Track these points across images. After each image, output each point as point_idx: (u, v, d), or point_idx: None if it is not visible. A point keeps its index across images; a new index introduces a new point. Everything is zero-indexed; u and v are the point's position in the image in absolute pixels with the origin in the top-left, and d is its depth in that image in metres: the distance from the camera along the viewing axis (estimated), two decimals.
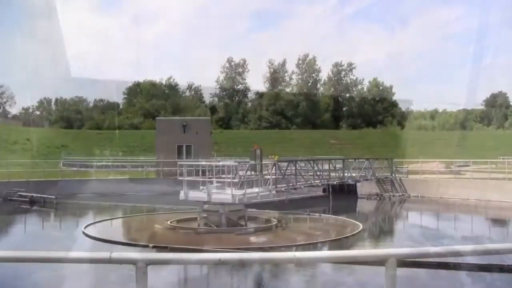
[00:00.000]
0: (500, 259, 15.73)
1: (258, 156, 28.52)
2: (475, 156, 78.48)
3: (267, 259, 4.17)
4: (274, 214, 28.72)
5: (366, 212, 37.44)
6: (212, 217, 24.75)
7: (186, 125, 46.75)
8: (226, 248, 19.77)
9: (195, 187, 26.11)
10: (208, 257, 3.86)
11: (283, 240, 23.08)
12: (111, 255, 4.04)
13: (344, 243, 23.14)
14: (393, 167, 44.62)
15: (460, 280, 16.62)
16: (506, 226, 32.42)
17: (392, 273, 3.73)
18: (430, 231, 29.81)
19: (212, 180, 26.14)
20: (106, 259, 4.05)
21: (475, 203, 38.47)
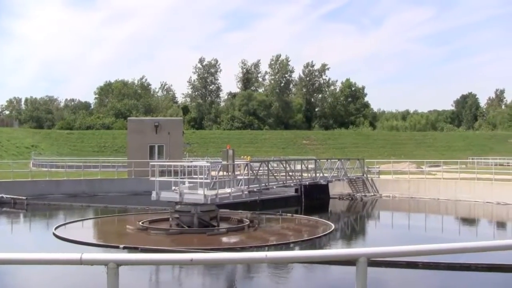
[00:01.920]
0: (467, 258, 15.92)
1: (230, 157, 28.52)
2: (446, 156, 79.54)
3: (239, 259, 4.14)
4: (246, 214, 28.72)
5: (338, 212, 37.62)
6: (184, 218, 24.66)
7: (158, 125, 46.52)
8: (197, 248, 19.72)
9: (167, 187, 26.00)
10: (179, 257, 3.83)
11: (255, 241, 23.09)
12: (82, 256, 3.99)
13: (317, 243, 23.23)
14: (364, 168, 44.88)
15: (430, 279, 16.78)
16: (474, 225, 32.82)
17: (363, 272, 3.75)
18: (401, 230, 30.06)
19: (184, 181, 26.06)
20: (77, 261, 4.01)
21: (445, 203, 38.89)
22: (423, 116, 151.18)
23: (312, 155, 76.95)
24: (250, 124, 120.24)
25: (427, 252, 4.37)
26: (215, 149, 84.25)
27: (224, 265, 17.01)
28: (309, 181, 37.35)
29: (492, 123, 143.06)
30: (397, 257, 3.92)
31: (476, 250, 4.57)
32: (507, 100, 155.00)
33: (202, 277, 17.22)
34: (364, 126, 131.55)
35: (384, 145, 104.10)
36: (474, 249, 4.51)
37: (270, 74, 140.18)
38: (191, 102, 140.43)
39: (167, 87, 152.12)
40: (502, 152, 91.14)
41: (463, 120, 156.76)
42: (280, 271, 17.38)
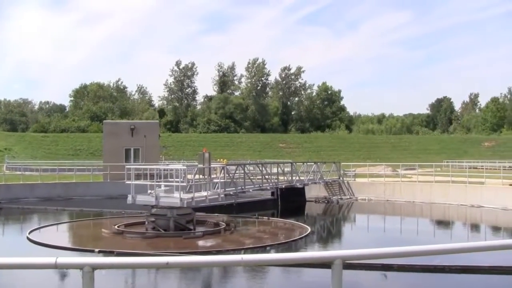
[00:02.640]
0: (442, 260, 16.06)
1: (206, 160, 28.47)
2: (421, 159, 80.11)
3: (214, 262, 4.15)
4: (222, 217, 28.69)
5: (314, 215, 37.72)
6: (160, 221, 24.57)
7: (134, 128, 46.29)
8: (173, 252, 19.65)
9: (143, 191, 25.89)
10: (155, 260, 3.83)
11: (231, 244, 23.07)
12: (57, 261, 3.97)
13: (293, 246, 23.26)
14: (341, 171, 45.08)
15: (405, 281, 16.89)
16: (449, 228, 33.11)
17: (338, 274, 3.77)
18: (377, 233, 30.23)
19: (160, 184, 25.97)
20: (52, 265, 3.98)
21: (420, 206, 39.20)
22: (399, 119, 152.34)
23: (288, 158, 77.12)
24: (227, 127, 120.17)
25: (402, 254, 4.41)
26: (191, 152, 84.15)
27: (200, 268, 17.01)
28: (286, 184, 37.40)
29: (466, 126, 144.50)
30: (372, 259, 3.95)
31: (451, 252, 4.62)
32: (481, 104, 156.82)
33: (179, 281, 17.18)
34: (340, 129, 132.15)
35: (360, 148, 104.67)
36: (448, 251, 4.56)
37: (247, 77, 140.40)
38: (167, 105, 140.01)
39: (143, 90, 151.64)
40: (476, 156, 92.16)
41: (438, 124, 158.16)
42: (257, 274, 17.39)
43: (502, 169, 45.56)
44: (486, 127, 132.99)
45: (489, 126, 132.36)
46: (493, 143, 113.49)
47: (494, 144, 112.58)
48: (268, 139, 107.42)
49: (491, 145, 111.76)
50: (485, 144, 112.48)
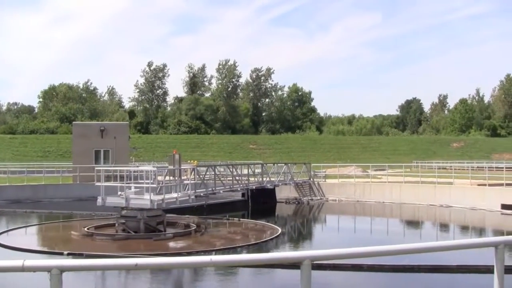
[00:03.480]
0: (411, 259, 16.18)
1: (177, 161, 28.37)
2: (391, 160, 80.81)
3: (184, 263, 4.12)
4: (193, 219, 28.58)
5: (285, 216, 37.78)
6: (130, 223, 24.41)
7: (104, 129, 45.91)
8: (143, 253, 19.54)
9: (113, 192, 25.70)
10: (124, 262, 3.79)
11: (202, 245, 23.02)
12: (24, 263, 3.90)
13: (263, 247, 23.27)
14: (311, 172, 45.24)
15: (375, 281, 16.99)
16: (419, 227, 33.40)
17: (307, 275, 3.76)
18: (347, 233, 30.38)
19: (130, 186, 25.81)
20: (19, 268, 3.92)
21: (390, 206, 39.51)
22: (369, 120, 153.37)
23: (259, 159, 77.22)
24: (197, 129, 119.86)
25: (371, 254, 4.42)
26: (161, 154, 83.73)
27: (170, 269, 16.94)
28: (256, 185, 37.44)
29: (436, 127, 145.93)
30: (341, 259, 3.95)
31: (420, 251, 4.65)
32: (450, 105, 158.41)
33: (149, 283, 17.06)
34: (311, 130, 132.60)
35: (330, 149, 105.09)
36: (417, 250, 4.59)
37: (218, 78, 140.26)
38: (138, 106, 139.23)
39: (114, 91, 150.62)
40: (445, 156, 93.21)
41: (408, 125, 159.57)
42: (228, 276, 17.37)
43: (470, 169, 46.12)
44: (455, 128, 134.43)
45: (458, 127, 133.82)
46: (461, 144, 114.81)
47: (462, 145, 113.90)
48: (239, 140, 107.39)
49: (459, 146, 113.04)
50: (453, 145, 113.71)
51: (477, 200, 36.06)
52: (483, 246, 4.63)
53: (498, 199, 34.99)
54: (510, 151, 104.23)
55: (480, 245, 4.72)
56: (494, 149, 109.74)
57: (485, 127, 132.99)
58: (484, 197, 35.94)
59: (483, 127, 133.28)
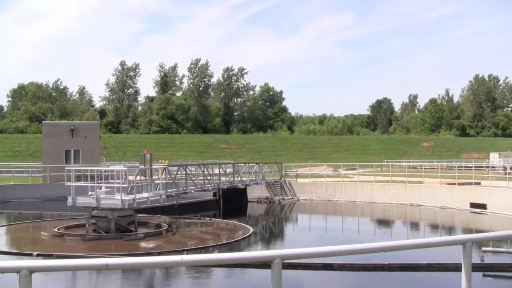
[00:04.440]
0: (381, 258, 16.30)
1: (148, 161, 28.23)
2: (362, 159, 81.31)
3: (155, 263, 4.11)
4: (164, 219, 28.50)
5: (257, 216, 37.81)
6: (101, 223, 24.24)
7: (74, 129, 45.52)
8: (114, 254, 19.42)
9: (84, 192, 25.51)
10: (94, 262, 3.77)
11: (173, 245, 22.94)
12: None
13: (235, 247, 23.27)
14: (282, 171, 45.33)
15: (345, 280, 17.09)
16: (389, 226, 33.67)
17: (277, 273, 3.78)
18: (318, 232, 30.51)
19: (101, 186, 25.64)
20: None
21: (361, 205, 39.78)
22: (340, 120, 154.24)
23: (230, 159, 77.18)
24: (168, 128, 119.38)
25: (342, 252, 4.45)
26: (132, 154, 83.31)
27: (141, 269, 16.85)
28: (227, 185, 37.42)
29: (406, 127, 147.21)
30: (311, 257, 3.97)
31: (390, 249, 4.69)
32: (420, 105, 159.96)
33: (120, 283, 16.96)
34: (282, 130, 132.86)
35: (301, 148, 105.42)
36: (388, 248, 4.62)
37: (189, 77, 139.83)
38: (109, 105, 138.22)
39: (84, 90, 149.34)
40: (415, 155, 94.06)
41: (379, 125, 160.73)
42: (199, 276, 17.34)
43: (440, 168, 46.62)
44: (425, 127, 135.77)
45: (428, 127, 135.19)
46: (431, 143, 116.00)
47: (432, 144, 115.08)
48: (210, 140, 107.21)
49: (429, 145, 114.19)
50: (424, 145, 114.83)
51: (447, 199, 36.49)
52: (451, 244, 4.69)
53: (467, 198, 35.45)
54: (478, 150, 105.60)
55: (448, 243, 4.78)
56: (463, 148, 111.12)
57: (455, 127, 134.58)
58: (454, 196, 36.39)
59: (453, 127, 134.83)
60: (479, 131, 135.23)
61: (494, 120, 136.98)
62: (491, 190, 34.88)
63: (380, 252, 4.55)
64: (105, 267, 3.88)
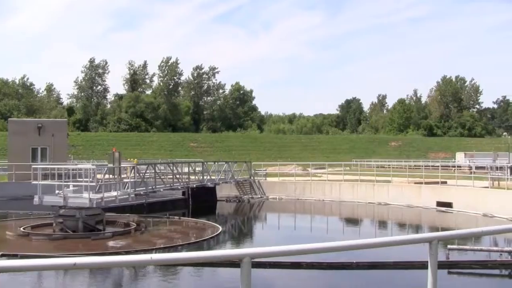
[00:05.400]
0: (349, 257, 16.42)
1: (116, 159, 28.07)
2: (331, 159, 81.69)
3: (123, 262, 4.09)
4: (133, 217, 28.35)
5: (226, 215, 37.82)
6: (68, 222, 24.02)
7: (41, 126, 44.98)
8: (81, 253, 19.26)
9: (51, 191, 25.24)
10: (61, 262, 3.72)
11: (142, 244, 22.83)
12: None
13: (204, 246, 23.25)
14: (251, 170, 45.37)
15: (314, 279, 17.16)
16: (357, 225, 33.93)
17: (247, 272, 3.78)
18: (287, 231, 30.63)
19: (68, 184, 25.40)
20: None
21: (330, 204, 40.00)
22: (309, 119, 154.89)
23: (199, 157, 76.97)
24: (137, 126, 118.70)
25: (310, 251, 4.48)
26: (101, 152, 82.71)
27: (109, 269, 16.74)
28: (197, 183, 37.34)
29: (375, 127, 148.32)
30: (280, 256, 3.98)
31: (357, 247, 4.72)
32: (388, 105, 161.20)
33: (88, 283, 16.84)
34: (252, 129, 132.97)
35: (271, 147, 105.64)
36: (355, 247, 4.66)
37: (159, 76, 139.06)
38: (77, 103, 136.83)
39: (52, 87, 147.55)
40: (383, 155, 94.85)
41: (348, 124, 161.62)
42: (168, 275, 17.29)
43: (407, 168, 47.13)
44: (393, 127, 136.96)
45: (396, 127, 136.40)
46: (399, 143, 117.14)
47: (400, 144, 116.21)
48: (179, 139, 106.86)
49: (397, 145, 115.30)
50: (392, 144, 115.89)
51: (414, 198, 36.90)
52: (418, 242, 4.75)
53: (433, 196, 35.90)
54: (445, 150, 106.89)
55: (414, 241, 4.83)
56: (430, 148, 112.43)
57: (422, 127, 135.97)
58: (421, 194, 36.81)
59: (420, 126, 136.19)
60: (446, 131, 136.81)
61: (461, 121, 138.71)
62: (456, 189, 35.37)
63: (348, 250, 4.57)
64: (73, 267, 3.83)
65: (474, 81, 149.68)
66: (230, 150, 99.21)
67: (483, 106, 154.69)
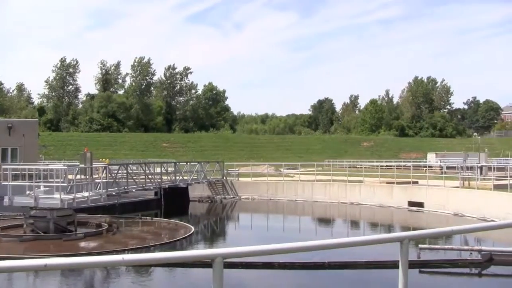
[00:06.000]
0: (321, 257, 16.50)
1: (88, 159, 27.90)
2: (303, 159, 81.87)
3: (95, 262, 4.07)
4: (105, 218, 28.16)
5: (198, 215, 37.78)
6: (39, 223, 23.79)
7: (12, 126, 44.44)
8: (52, 254, 19.09)
9: (22, 192, 24.97)
10: (32, 263, 3.69)
11: (114, 245, 22.70)
12: None
13: (177, 246, 23.20)
14: (224, 170, 45.36)
15: (286, 278, 17.22)
16: (330, 225, 34.10)
17: (219, 272, 3.79)
18: (260, 231, 30.68)
19: (39, 185, 25.16)
20: None
21: (302, 204, 40.12)
22: (282, 119, 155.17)
23: (172, 158, 76.73)
24: (109, 127, 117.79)
25: (282, 250, 4.49)
26: (72, 152, 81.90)
27: (81, 270, 16.61)
28: (169, 184, 37.24)
29: (347, 127, 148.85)
30: (252, 256, 3.99)
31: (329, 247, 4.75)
32: (360, 105, 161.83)
33: (59, 284, 16.70)
34: (225, 129, 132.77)
35: (243, 148, 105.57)
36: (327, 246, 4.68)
37: (131, 75, 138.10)
38: (48, 103, 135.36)
39: (23, 87, 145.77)
40: (356, 155, 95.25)
41: (320, 124, 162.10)
42: (141, 275, 17.21)
43: (379, 168, 47.37)
44: (365, 128, 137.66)
45: (368, 127, 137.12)
46: (371, 143, 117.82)
47: (372, 144, 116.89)
48: (152, 139, 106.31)
49: (369, 145, 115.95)
50: (364, 144, 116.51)
51: (386, 197, 37.20)
52: (389, 242, 4.78)
53: (405, 196, 36.24)
54: (416, 150, 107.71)
55: (386, 240, 4.87)
56: (402, 148, 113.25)
57: (394, 127, 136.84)
58: (392, 194, 37.13)
59: (392, 127, 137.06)
60: (417, 131, 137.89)
61: (432, 121, 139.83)
62: (428, 189, 35.70)
63: (320, 250, 4.60)
64: (44, 268, 3.80)
65: (445, 81, 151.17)
66: (203, 150, 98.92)
67: (454, 107, 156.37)
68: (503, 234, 20.64)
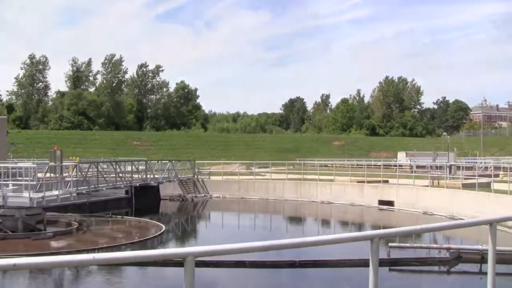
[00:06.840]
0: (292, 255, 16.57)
1: (58, 158, 27.66)
2: (274, 157, 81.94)
3: (65, 262, 4.03)
4: (75, 217, 27.92)
5: (169, 213, 37.66)
6: (7, 222, 23.49)
7: None
8: (21, 254, 18.89)
9: None
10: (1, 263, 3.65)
11: (84, 244, 22.52)
12: None
13: (148, 245, 23.11)
14: (195, 169, 45.28)
15: (257, 277, 17.25)
16: (301, 223, 34.23)
17: (190, 271, 3.78)
18: (231, 230, 30.67)
19: (8, 183, 24.88)
20: None
21: (274, 202, 40.22)
22: (253, 118, 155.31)
23: (143, 156, 76.32)
24: (80, 124, 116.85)
25: (253, 249, 4.51)
26: (42, 150, 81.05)
27: (50, 269, 16.46)
28: (140, 182, 37.09)
29: (318, 126, 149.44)
30: (224, 255, 4.00)
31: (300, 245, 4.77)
32: (332, 104, 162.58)
33: (28, 284, 16.53)
34: (196, 127, 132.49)
35: (215, 146, 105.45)
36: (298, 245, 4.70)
37: (103, 73, 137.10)
38: (17, 100, 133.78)
39: None
40: (327, 154, 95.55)
41: (291, 123, 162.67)
42: (111, 274, 17.11)
43: (350, 167, 47.60)
44: (337, 127, 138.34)
45: (339, 126, 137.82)
46: (342, 142, 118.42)
47: (343, 143, 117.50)
48: (123, 137, 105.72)
49: (340, 144, 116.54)
50: (335, 143, 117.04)
51: (356, 196, 37.47)
52: (360, 240, 4.82)
53: (375, 195, 36.55)
54: (387, 149, 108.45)
55: (357, 238, 4.90)
56: (372, 147, 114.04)
57: (365, 127, 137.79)
58: (363, 193, 37.40)
59: (363, 126, 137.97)
60: (388, 130, 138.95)
61: (402, 121, 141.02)
62: (398, 188, 36.03)
63: (291, 248, 4.63)
64: (13, 268, 3.76)
65: (415, 81, 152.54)
66: (174, 148, 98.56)
67: (424, 107, 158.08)
68: (471, 232, 20.89)
